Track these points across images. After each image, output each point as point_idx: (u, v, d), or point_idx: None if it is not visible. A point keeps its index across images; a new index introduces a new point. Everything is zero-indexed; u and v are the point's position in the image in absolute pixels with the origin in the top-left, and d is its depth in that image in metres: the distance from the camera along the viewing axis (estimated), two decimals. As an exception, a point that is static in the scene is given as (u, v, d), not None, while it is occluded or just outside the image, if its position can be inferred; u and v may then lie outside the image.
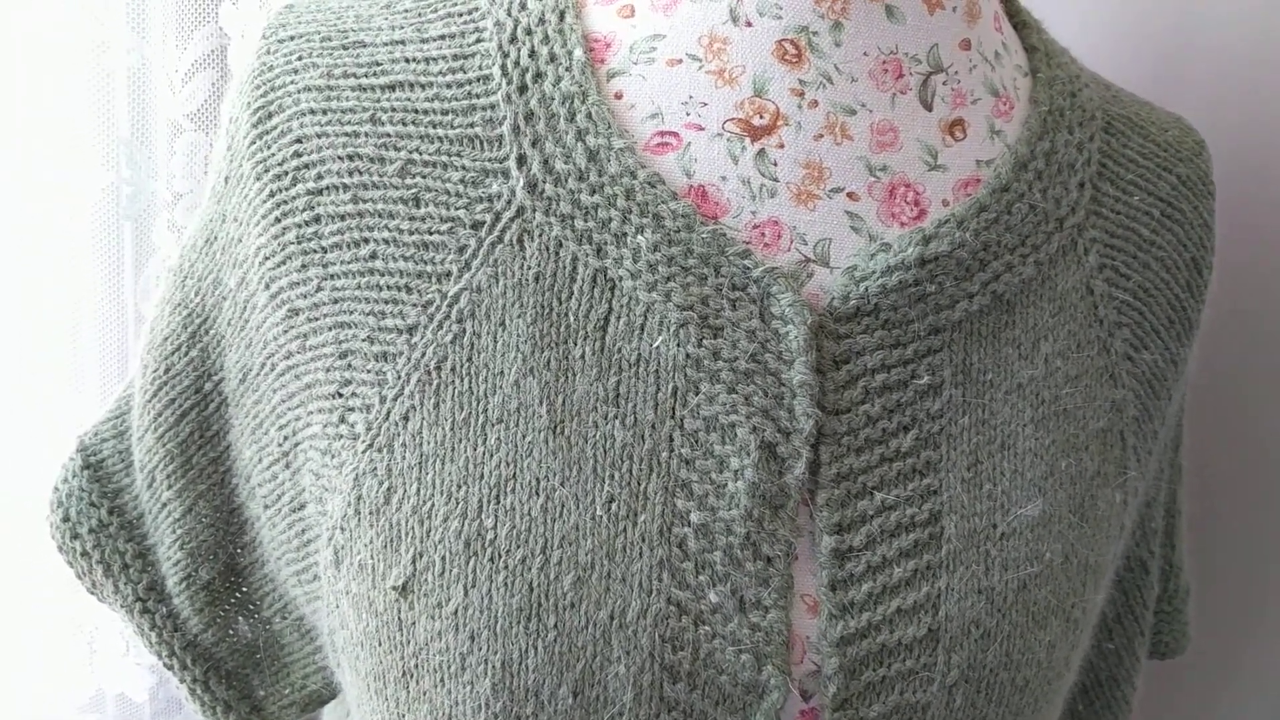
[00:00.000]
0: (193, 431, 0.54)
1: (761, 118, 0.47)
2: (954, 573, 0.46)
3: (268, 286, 0.48)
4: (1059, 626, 0.48)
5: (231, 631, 0.56)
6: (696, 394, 0.45)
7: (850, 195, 0.47)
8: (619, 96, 0.47)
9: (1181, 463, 0.64)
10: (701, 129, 0.46)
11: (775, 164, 0.46)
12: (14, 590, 0.77)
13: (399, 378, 0.45)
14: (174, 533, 0.55)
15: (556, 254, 0.45)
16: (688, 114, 0.47)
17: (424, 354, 0.45)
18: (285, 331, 0.48)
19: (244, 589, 0.56)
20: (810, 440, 0.45)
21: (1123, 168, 0.53)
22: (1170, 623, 0.65)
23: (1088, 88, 0.54)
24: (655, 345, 0.45)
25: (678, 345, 0.45)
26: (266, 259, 0.48)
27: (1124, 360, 0.51)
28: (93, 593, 0.57)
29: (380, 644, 0.46)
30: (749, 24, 0.46)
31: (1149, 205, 0.53)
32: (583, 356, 0.45)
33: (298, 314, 0.48)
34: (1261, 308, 0.73)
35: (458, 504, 0.44)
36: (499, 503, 0.44)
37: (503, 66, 0.47)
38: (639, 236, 0.45)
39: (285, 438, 0.50)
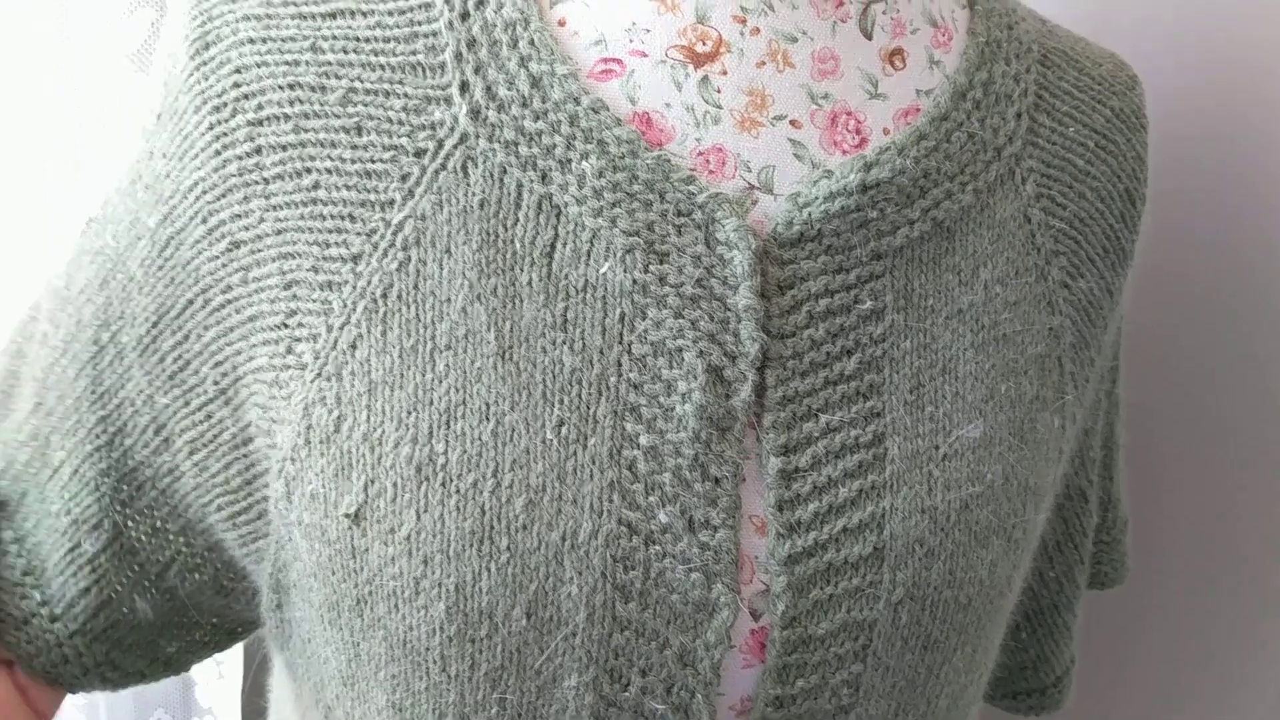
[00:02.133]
0: (86, 386, 0.52)
1: (704, 44, 0.47)
2: (898, 493, 0.47)
3: (204, 220, 0.48)
4: (1000, 546, 0.49)
5: (126, 611, 0.54)
6: (644, 319, 0.45)
7: (793, 123, 0.48)
8: (562, 24, 0.47)
9: (1119, 396, 0.66)
10: (645, 56, 0.47)
11: (719, 91, 0.47)
12: None
13: (345, 306, 0.45)
14: (60, 499, 0.53)
15: (501, 180, 0.45)
16: (631, 40, 0.47)
17: (369, 282, 0.45)
18: (224, 265, 0.48)
19: (136, 565, 0.54)
20: (756, 364, 0.45)
21: (1058, 99, 0.54)
22: (1109, 552, 0.67)
23: (1024, 21, 0.55)
24: (602, 271, 0.45)
25: (624, 271, 0.45)
26: (205, 192, 0.47)
27: (1061, 288, 0.53)
28: None
29: (334, 573, 0.46)
30: (691, -49, 0.47)
31: (1084, 137, 0.54)
32: (529, 283, 0.45)
33: (239, 246, 0.47)
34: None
35: (408, 430, 0.44)
36: (449, 428, 0.44)
37: None
38: (584, 163, 0.45)
39: (224, 374, 0.49)
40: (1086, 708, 0.82)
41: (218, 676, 0.82)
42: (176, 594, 0.55)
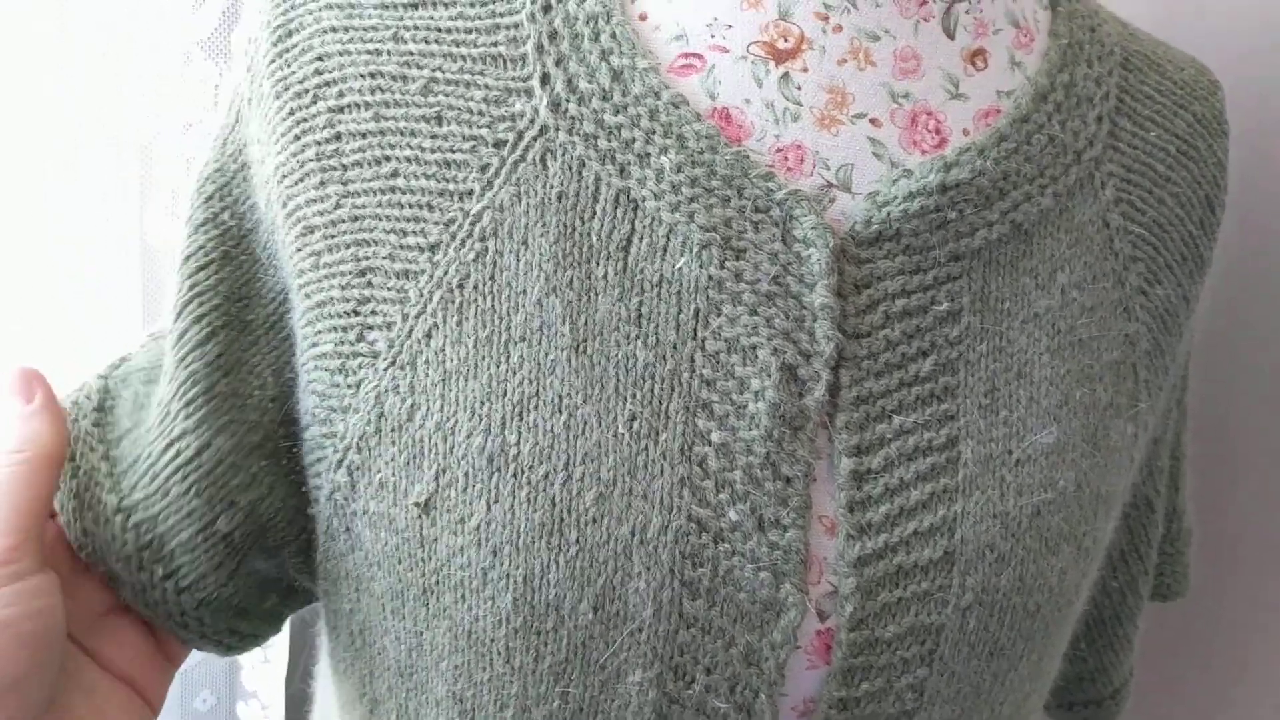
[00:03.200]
0: (219, 354, 0.51)
1: (786, 41, 0.46)
2: (970, 497, 0.46)
3: (284, 205, 0.48)
4: (1070, 553, 0.48)
5: (247, 577, 0.53)
6: (718, 315, 0.45)
7: (873, 121, 0.47)
8: (643, 18, 0.47)
9: (1187, 405, 0.65)
10: (726, 51, 0.46)
11: (799, 88, 0.47)
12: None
13: (421, 295, 0.45)
14: (185, 478, 0.51)
15: (579, 173, 0.45)
16: (712, 36, 0.46)
17: (447, 272, 0.45)
18: (299, 250, 0.48)
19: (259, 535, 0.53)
20: (830, 363, 0.45)
21: (1140, 103, 0.53)
22: (1172, 564, 0.66)
23: (1106, 23, 0.54)
24: (678, 266, 0.45)
25: (700, 267, 0.45)
26: (284, 177, 0.48)
27: (1138, 294, 0.52)
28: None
29: (400, 561, 0.46)
30: (775, -54, 0.46)
31: (1165, 141, 0.53)
32: (605, 276, 0.45)
33: (312, 231, 0.47)
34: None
35: (481, 420, 0.44)
36: (522, 419, 0.44)
37: None
38: (662, 157, 0.45)
39: (298, 359, 0.49)
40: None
41: (263, 660, 0.83)
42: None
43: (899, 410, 0.46)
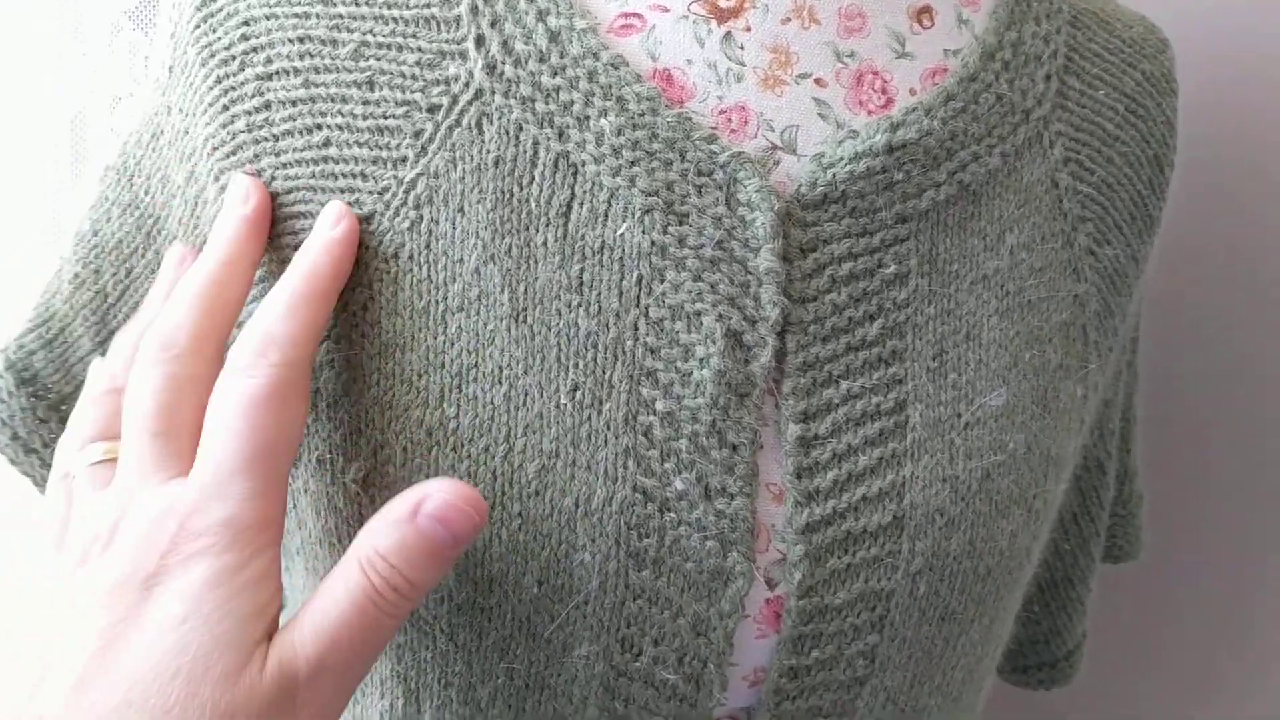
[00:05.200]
0: None
1: (728, 0, 0.45)
2: (919, 461, 0.46)
3: (217, 179, 0.46)
4: (1020, 516, 0.48)
5: None
6: (662, 281, 0.44)
7: (818, 81, 0.46)
8: (581, -24, 0.46)
9: (1138, 367, 0.65)
10: (666, 10, 0.45)
11: (742, 48, 0.45)
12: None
13: (356, 267, 0.44)
14: None
15: (517, 138, 0.44)
16: (652, -5, 0.45)
17: (381, 242, 0.44)
18: None
19: None
20: (776, 328, 0.44)
21: (1088, 62, 0.53)
22: (1125, 526, 0.66)
23: None
24: (619, 232, 0.44)
25: (642, 232, 0.44)
26: (215, 149, 0.46)
27: (1087, 255, 0.51)
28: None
29: (341, 540, 0.45)
30: (714, -99, 0.45)
31: (1114, 100, 0.53)
32: (545, 243, 0.44)
33: None
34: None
35: (419, 393, 0.43)
36: (461, 391, 0.43)
37: None
38: (602, 120, 0.44)
39: None
40: (1108, 686, 0.82)
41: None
42: None
43: (846, 375, 0.45)
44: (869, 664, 0.47)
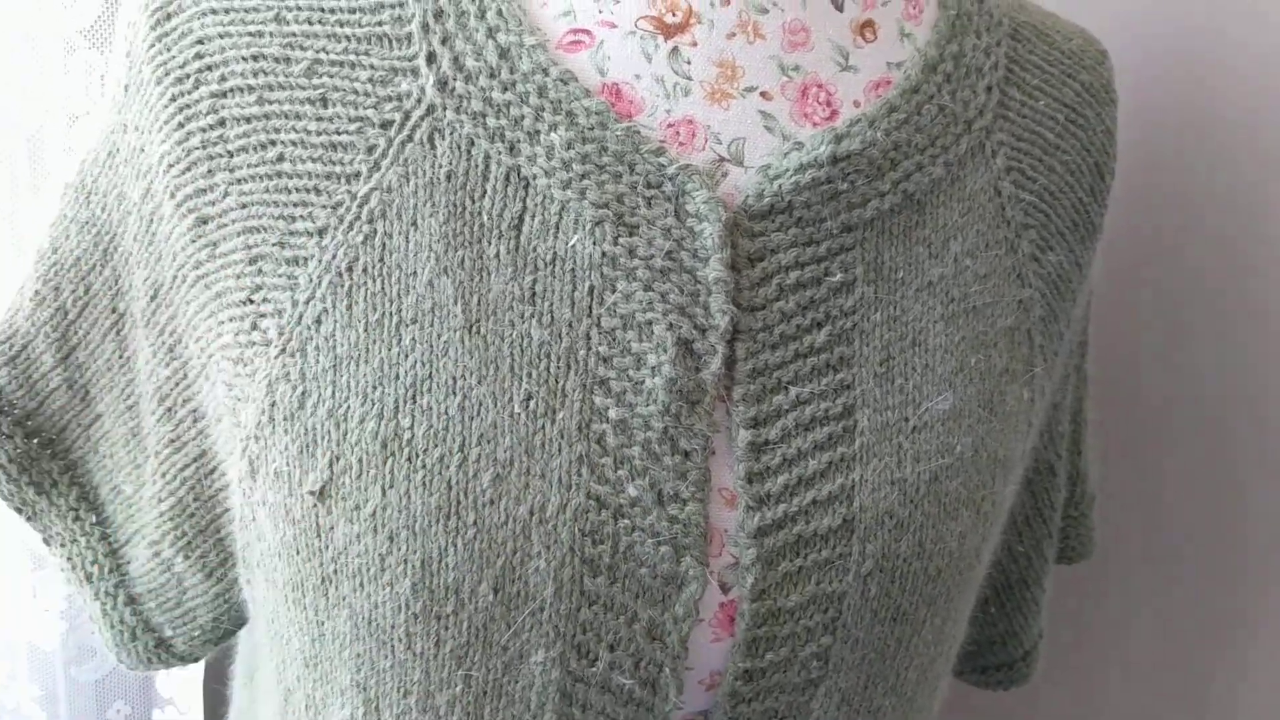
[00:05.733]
0: (114, 351, 0.53)
1: (674, 15, 0.46)
2: (867, 464, 0.47)
3: (173, 195, 0.47)
4: (969, 518, 0.49)
5: (137, 553, 0.55)
6: (613, 292, 0.45)
7: (764, 94, 0.47)
8: (530, -6, 0.47)
9: (1088, 371, 0.66)
10: (614, 26, 0.46)
11: (689, 62, 0.46)
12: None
13: (311, 281, 0.45)
14: (106, 443, 0.55)
15: (468, 152, 0.45)
16: (600, 11, 0.46)
17: (335, 256, 0.45)
18: (194, 241, 0.47)
19: (135, 523, 0.55)
20: (726, 337, 0.45)
21: (1029, 73, 0.54)
22: (1076, 527, 0.68)
23: None
24: (571, 244, 0.45)
25: (593, 243, 0.45)
26: (171, 166, 0.47)
27: (1030, 261, 0.53)
28: (21, 511, 0.56)
29: (298, 552, 0.45)
30: (660, -80, 0.46)
31: (1054, 110, 0.54)
32: (497, 255, 0.44)
33: (206, 222, 0.46)
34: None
35: (373, 405, 0.43)
36: (415, 402, 0.43)
37: None
38: (552, 134, 0.45)
39: (202, 349, 0.49)
40: (1067, 685, 0.83)
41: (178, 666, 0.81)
42: (173, 567, 0.55)
43: (795, 381, 0.46)
44: (823, 665, 0.47)
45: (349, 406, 0.44)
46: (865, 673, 0.49)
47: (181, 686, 0.82)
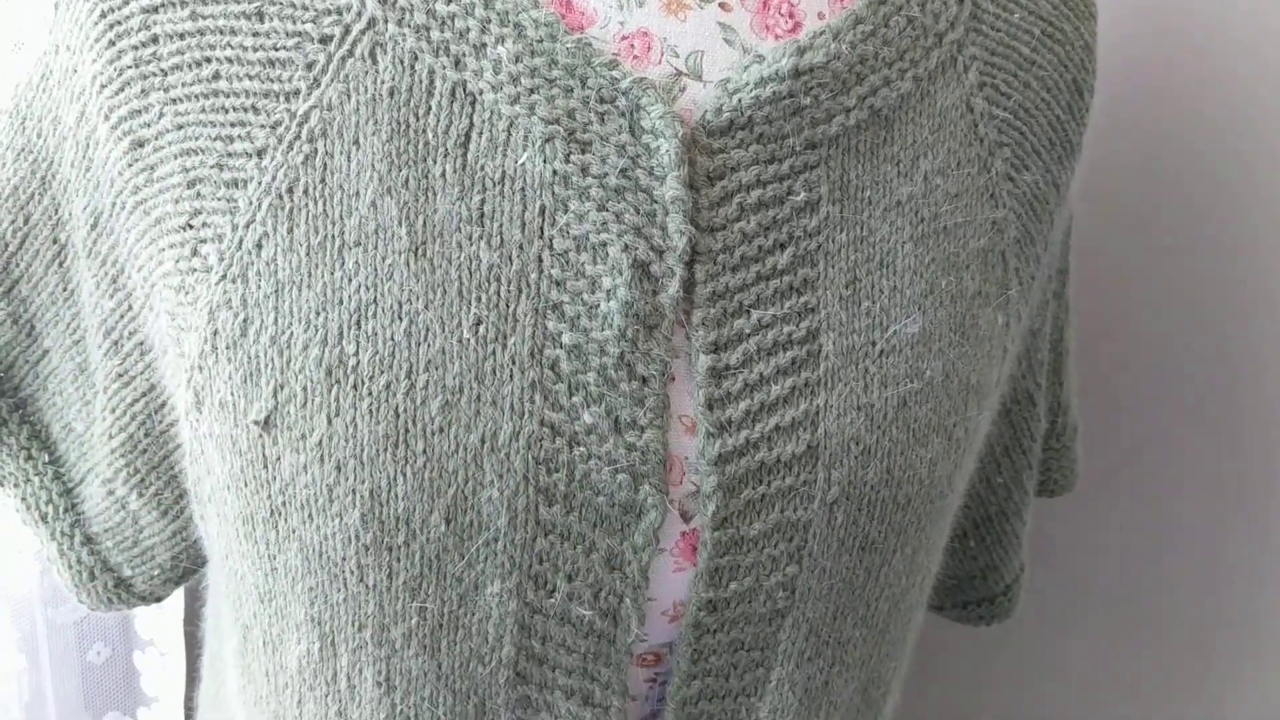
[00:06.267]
0: (57, 283, 0.51)
1: (626, -79, 0.44)
2: (832, 390, 0.45)
3: (107, 117, 0.45)
4: (940, 444, 0.48)
5: (91, 491, 0.54)
6: (565, 212, 0.43)
7: (723, 6, 0.45)
8: (475, -101, 0.44)
9: (1069, 300, 0.64)
10: (564, -67, 0.44)
11: (643, -29, 0.44)
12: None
13: (250, 204, 0.43)
14: (54, 380, 0.53)
15: (412, 67, 0.43)
16: (549, -83, 0.44)
17: (274, 177, 0.43)
18: (130, 165, 0.45)
19: (88, 461, 0.54)
20: (684, 258, 0.43)
21: None
22: (1059, 459, 0.66)
23: None
24: (520, 162, 0.43)
25: (544, 161, 0.43)
26: (103, 87, 0.45)
27: (1004, 180, 0.51)
28: None
29: (246, 484, 0.44)
30: None
31: (1029, 24, 0.52)
32: (443, 175, 0.43)
33: (142, 145, 0.45)
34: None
35: (317, 331, 0.42)
36: (360, 328, 0.42)
37: None
38: (499, 47, 0.43)
39: (144, 279, 0.47)
40: (1051, 622, 0.82)
41: (158, 607, 0.81)
42: (128, 505, 0.54)
43: (757, 304, 0.45)
44: (789, 596, 0.46)
45: (292, 333, 0.42)
46: (834, 603, 0.48)
47: (162, 629, 0.82)
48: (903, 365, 0.46)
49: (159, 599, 0.58)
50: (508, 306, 0.42)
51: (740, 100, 0.44)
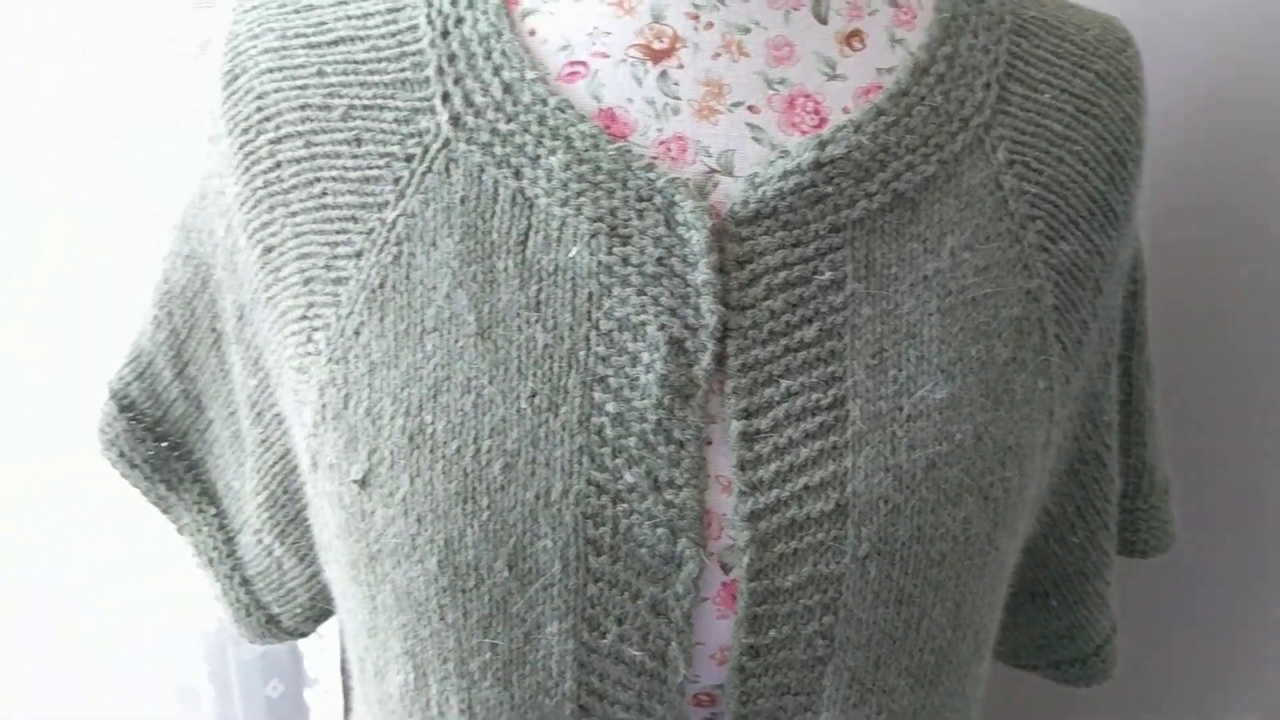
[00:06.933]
0: (216, 365, 0.62)
1: (661, 42, 0.51)
2: (860, 452, 0.49)
3: (245, 229, 0.55)
4: (975, 503, 0.50)
5: (246, 540, 0.63)
6: (609, 297, 0.49)
7: (750, 108, 0.51)
8: (532, 33, 0.52)
9: (1150, 362, 0.65)
10: (607, 56, 0.51)
11: (677, 84, 0.51)
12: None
13: (350, 298, 0.51)
14: (218, 445, 0.64)
15: (479, 178, 0.51)
16: (594, 44, 0.51)
17: (369, 275, 0.51)
18: (262, 268, 0.55)
19: (244, 514, 0.63)
20: (716, 334, 0.49)
21: (1033, 67, 0.55)
22: (1147, 520, 0.66)
23: None
24: (570, 255, 0.49)
25: (590, 254, 0.49)
26: (242, 204, 0.55)
27: (1038, 251, 0.53)
28: (158, 505, 0.66)
29: (350, 534, 0.52)
30: (644, -44, 0.51)
31: (1062, 102, 0.55)
32: (506, 269, 0.50)
33: (270, 251, 0.54)
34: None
35: (402, 404, 0.50)
36: (436, 400, 0.49)
37: (428, 15, 0.52)
38: (551, 158, 0.50)
39: (275, 361, 0.56)
40: (1141, 685, 0.80)
41: (320, 649, 0.91)
42: (273, 551, 0.63)
43: (786, 374, 0.49)
44: (828, 644, 0.50)
45: (382, 406, 0.50)
46: (874, 652, 0.51)
47: (325, 669, 0.92)
48: (931, 429, 0.50)
49: (304, 634, 0.67)
50: (559, 380, 0.49)
51: (765, 192, 0.49)
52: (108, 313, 0.82)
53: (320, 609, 0.64)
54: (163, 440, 0.64)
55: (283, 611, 0.64)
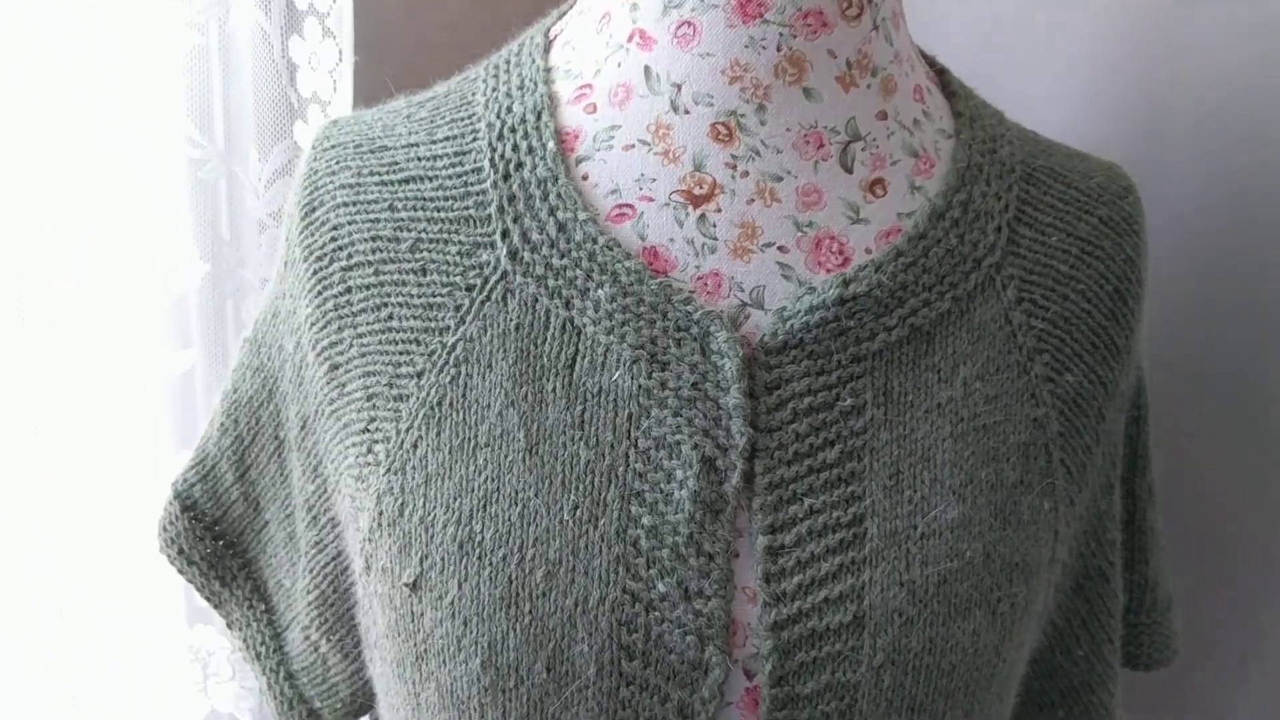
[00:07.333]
0: (276, 470, 0.66)
1: (701, 188, 0.56)
2: (877, 567, 0.53)
3: (314, 346, 0.60)
4: (983, 617, 0.54)
5: (293, 636, 0.67)
6: (648, 418, 0.54)
7: (781, 249, 0.56)
8: (585, 178, 0.57)
9: (1153, 484, 0.69)
10: (652, 200, 0.56)
11: (714, 226, 0.56)
12: (133, 621, 0.90)
13: (410, 414, 0.56)
14: (271, 545, 0.68)
15: (533, 308, 0.55)
16: (640, 189, 0.56)
17: (429, 393, 0.56)
18: (329, 383, 0.59)
19: (292, 611, 0.67)
20: (745, 455, 0.53)
21: (1041, 213, 0.60)
22: (1150, 634, 0.70)
23: (1010, 144, 0.61)
24: (614, 379, 0.54)
25: (631, 378, 0.54)
26: (313, 324, 0.60)
27: (1045, 381, 0.58)
28: (210, 600, 0.70)
29: (399, 633, 0.56)
30: (687, 112, 0.56)
31: (1067, 244, 0.59)
32: (554, 390, 0.54)
33: (337, 368, 0.59)
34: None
35: (454, 513, 0.54)
36: (485, 511, 0.53)
37: (491, 160, 0.58)
38: (599, 290, 0.55)
39: (335, 469, 0.61)
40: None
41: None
42: (319, 648, 0.67)
43: (809, 493, 0.53)
44: None
45: (435, 515, 0.54)
46: (889, 758, 0.54)
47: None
48: (943, 546, 0.54)
49: None
50: (599, 494, 0.53)
51: (793, 325, 0.54)
52: (108, 313, 0.86)
53: (360, 704, 0.68)
54: (220, 539, 0.69)
55: (324, 706, 0.68)
